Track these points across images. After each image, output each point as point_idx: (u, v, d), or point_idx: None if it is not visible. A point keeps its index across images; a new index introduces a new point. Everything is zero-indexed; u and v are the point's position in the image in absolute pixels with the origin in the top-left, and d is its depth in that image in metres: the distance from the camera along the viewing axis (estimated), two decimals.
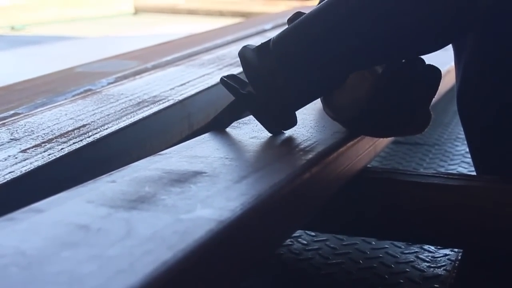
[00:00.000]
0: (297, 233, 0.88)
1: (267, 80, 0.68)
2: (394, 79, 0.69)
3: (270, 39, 0.70)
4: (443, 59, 1.10)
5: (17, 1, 5.22)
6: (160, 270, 0.39)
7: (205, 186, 0.54)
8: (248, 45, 0.72)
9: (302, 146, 0.68)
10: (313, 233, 0.89)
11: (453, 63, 0.85)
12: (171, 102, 0.94)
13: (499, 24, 0.75)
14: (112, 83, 1.10)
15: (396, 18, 0.64)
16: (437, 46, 0.68)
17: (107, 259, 0.40)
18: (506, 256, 0.77)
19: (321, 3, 0.69)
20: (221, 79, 0.72)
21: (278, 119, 0.70)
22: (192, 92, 1.01)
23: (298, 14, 0.71)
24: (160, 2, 5.65)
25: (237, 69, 1.16)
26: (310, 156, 0.65)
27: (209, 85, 1.07)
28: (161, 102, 0.94)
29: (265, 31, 1.94)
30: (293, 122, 0.71)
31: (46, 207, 0.48)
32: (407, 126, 0.73)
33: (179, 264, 0.41)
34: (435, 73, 0.70)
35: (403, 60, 0.69)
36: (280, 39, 0.69)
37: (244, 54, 0.71)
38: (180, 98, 0.97)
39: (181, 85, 1.06)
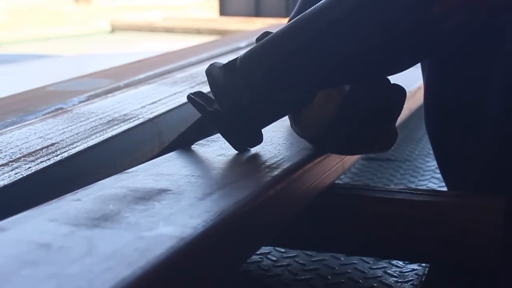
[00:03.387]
0: (267, 249, 0.89)
1: (233, 98, 0.69)
2: (360, 98, 0.70)
3: (237, 57, 0.71)
4: (414, 76, 1.12)
5: None
6: (119, 287, 0.39)
7: (169, 204, 0.55)
8: (215, 62, 0.72)
9: (269, 163, 0.69)
10: (282, 250, 0.89)
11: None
12: (141, 120, 0.94)
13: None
14: (83, 101, 1.10)
15: (363, 41, 0.65)
16: (403, 68, 0.69)
17: (66, 277, 0.40)
18: (471, 271, 0.78)
19: (289, 22, 0.70)
20: (188, 96, 0.73)
21: (244, 136, 0.71)
22: (163, 110, 1.01)
23: (266, 33, 0.72)
24: (137, 20, 5.66)
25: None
26: (275, 172, 0.66)
27: (181, 103, 1.07)
28: (131, 120, 0.94)
29: (239, 48, 1.95)
30: (259, 139, 0.72)
31: (9, 225, 0.49)
32: (374, 144, 0.74)
33: (139, 281, 0.41)
34: (400, 93, 0.71)
35: (370, 80, 0.70)
36: (247, 57, 0.70)
37: (211, 72, 0.72)
38: (151, 116, 0.97)
39: (153, 103, 1.07)
